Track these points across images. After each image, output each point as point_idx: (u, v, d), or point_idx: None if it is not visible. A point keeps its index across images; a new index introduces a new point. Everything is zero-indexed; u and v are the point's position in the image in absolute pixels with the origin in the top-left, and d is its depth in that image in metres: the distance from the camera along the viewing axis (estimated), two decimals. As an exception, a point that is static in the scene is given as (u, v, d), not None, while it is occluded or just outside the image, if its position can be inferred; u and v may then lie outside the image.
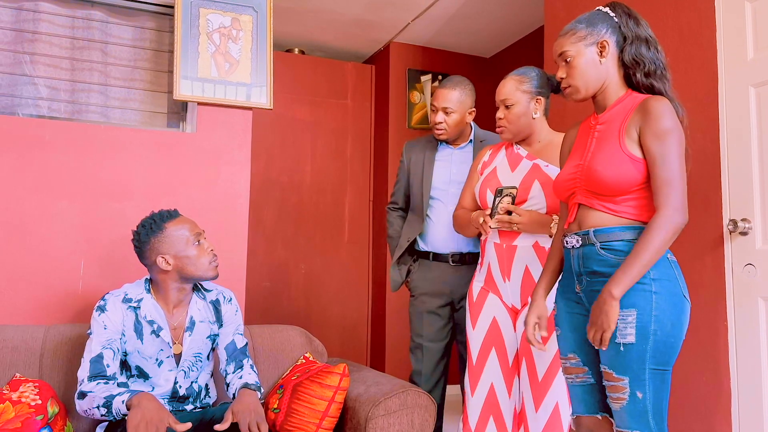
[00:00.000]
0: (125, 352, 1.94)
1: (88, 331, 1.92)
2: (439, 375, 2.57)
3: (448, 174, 2.58)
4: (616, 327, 1.55)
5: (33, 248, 2.37)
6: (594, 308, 1.59)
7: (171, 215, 2.00)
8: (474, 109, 2.57)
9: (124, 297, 1.97)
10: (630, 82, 1.70)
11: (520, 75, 2.15)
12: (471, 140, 2.62)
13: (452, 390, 4.46)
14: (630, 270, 1.53)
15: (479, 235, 2.23)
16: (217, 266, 2.01)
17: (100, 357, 1.87)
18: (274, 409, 2.16)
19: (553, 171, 2.08)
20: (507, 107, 2.11)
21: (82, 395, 1.81)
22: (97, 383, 1.83)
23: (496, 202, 2.01)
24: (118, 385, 1.93)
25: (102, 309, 1.93)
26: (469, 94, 2.54)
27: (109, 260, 2.46)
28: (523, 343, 2.05)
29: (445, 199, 2.56)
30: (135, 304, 1.96)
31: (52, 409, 1.84)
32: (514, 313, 2.11)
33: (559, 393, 2.00)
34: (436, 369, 2.56)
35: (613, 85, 1.70)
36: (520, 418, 2.06)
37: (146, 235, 1.96)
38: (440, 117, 2.52)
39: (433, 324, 2.55)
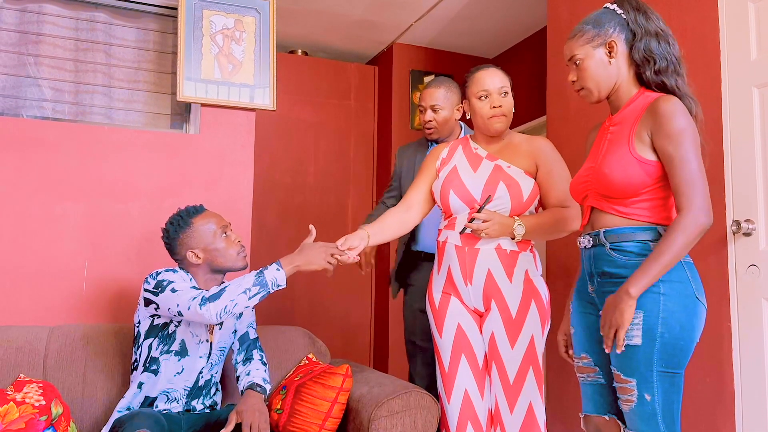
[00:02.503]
0: (179, 321, 1.97)
1: (164, 282, 1.89)
2: (434, 373, 2.56)
3: None
4: None
5: (37, 249, 2.38)
6: (607, 306, 1.56)
7: (197, 210, 2.06)
8: (461, 105, 2.55)
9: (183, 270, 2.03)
10: (643, 79, 1.66)
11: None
12: None
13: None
14: (649, 270, 1.50)
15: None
16: (245, 256, 2.07)
17: (196, 286, 1.92)
18: (277, 409, 2.17)
19: (515, 172, 2.05)
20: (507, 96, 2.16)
21: (215, 297, 1.81)
22: (216, 286, 1.88)
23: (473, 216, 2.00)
24: (151, 359, 1.96)
25: (173, 270, 1.96)
26: (455, 91, 2.56)
27: (113, 261, 2.46)
28: (492, 348, 2.04)
29: None
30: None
31: (56, 409, 1.84)
32: (478, 315, 2.09)
33: (531, 393, 2.00)
34: (431, 369, 2.55)
35: (625, 84, 1.67)
36: (494, 419, 2.06)
37: (175, 231, 2.01)
38: (429, 115, 2.54)
39: (425, 323, 2.55)
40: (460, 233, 2.03)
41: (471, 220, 1.97)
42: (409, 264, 2.70)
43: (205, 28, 2.66)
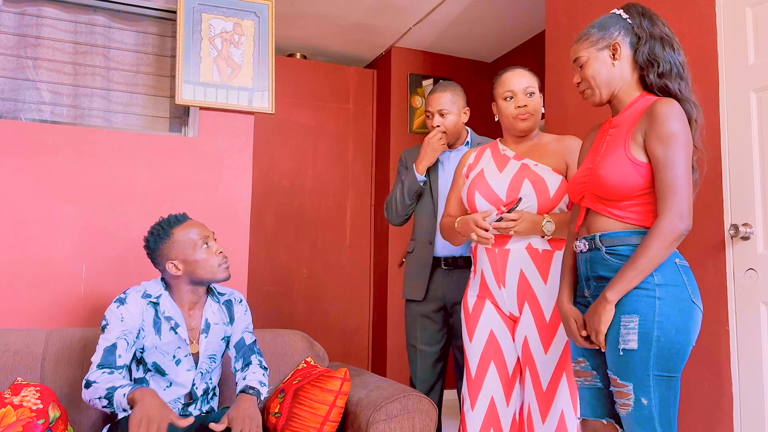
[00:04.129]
0: (143, 348, 1.95)
1: (103, 323, 1.91)
2: (435, 379, 2.54)
3: (446, 176, 2.57)
4: (619, 333, 1.55)
5: (35, 252, 2.38)
6: (590, 308, 1.61)
7: (179, 220, 2.02)
8: (468, 108, 2.59)
9: (144, 293, 1.99)
10: (646, 84, 1.68)
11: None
12: (468, 143, 2.61)
13: (450, 395, 4.45)
14: (625, 275, 1.53)
15: (467, 242, 2.20)
16: (228, 267, 2.03)
17: (114, 347, 1.88)
18: (275, 413, 2.16)
19: (542, 170, 2.04)
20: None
21: (88, 384, 1.81)
22: (103, 372, 1.82)
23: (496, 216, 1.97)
24: (135, 380, 1.95)
25: (122, 301, 1.94)
26: (460, 95, 2.57)
27: (111, 264, 2.46)
28: (525, 352, 2.00)
29: (444, 198, 2.53)
30: (155, 300, 1.98)
31: (54, 413, 1.84)
32: (512, 321, 2.06)
33: (564, 401, 1.96)
34: (432, 373, 2.53)
35: (627, 87, 1.68)
36: (527, 426, 2.01)
37: (155, 242, 1.98)
38: (437, 120, 2.53)
39: (427, 328, 2.54)
40: (486, 230, 1.98)
41: (499, 219, 1.96)
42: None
43: (204, 32, 2.67)
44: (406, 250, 2.73)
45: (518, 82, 2.11)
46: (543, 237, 2.00)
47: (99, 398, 1.77)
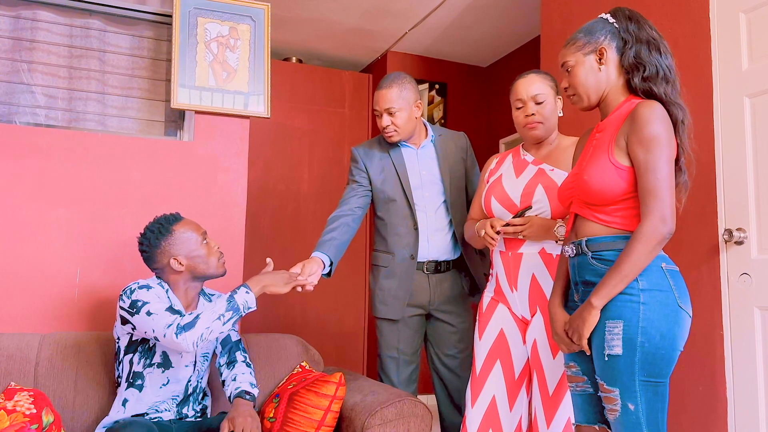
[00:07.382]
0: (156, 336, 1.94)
1: (140, 303, 1.87)
2: (414, 383, 2.48)
3: (419, 177, 2.46)
4: (604, 338, 1.54)
5: (29, 256, 2.37)
6: (575, 312, 1.61)
7: (176, 218, 2.05)
8: (420, 101, 2.45)
9: (158, 283, 2.00)
10: (632, 87, 1.67)
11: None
12: (432, 137, 2.51)
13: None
14: (609, 281, 1.53)
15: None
16: (224, 263, 2.08)
17: (172, 306, 1.89)
18: (270, 418, 2.16)
19: (557, 175, 2.03)
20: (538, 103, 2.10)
21: (189, 325, 1.79)
22: (190, 313, 1.84)
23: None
24: (134, 373, 1.96)
25: (147, 287, 1.93)
26: (409, 88, 2.40)
27: (105, 268, 2.45)
28: (534, 356, 2.00)
29: (420, 203, 2.44)
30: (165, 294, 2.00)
31: (47, 418, 1.83)
32: (524, 324, 2.05)
33: (570, 409, 1.94)
34: (410, 378, 2.46)
35: (614, 92, 1.68)
36: (530, 431, 2.01)
37: (156, 238, 1.99)
38: (387, 120, 2.41)
39: (406, 335, 2.45)
40: (497, 233, 1.98)
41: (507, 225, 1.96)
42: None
43: (200, 36, 2.67)
44: (371, 261, 2.56)
45: (526, 90, 2.08)
46: (557, 242, 1.99)
47: (219, 317, 1.81)
